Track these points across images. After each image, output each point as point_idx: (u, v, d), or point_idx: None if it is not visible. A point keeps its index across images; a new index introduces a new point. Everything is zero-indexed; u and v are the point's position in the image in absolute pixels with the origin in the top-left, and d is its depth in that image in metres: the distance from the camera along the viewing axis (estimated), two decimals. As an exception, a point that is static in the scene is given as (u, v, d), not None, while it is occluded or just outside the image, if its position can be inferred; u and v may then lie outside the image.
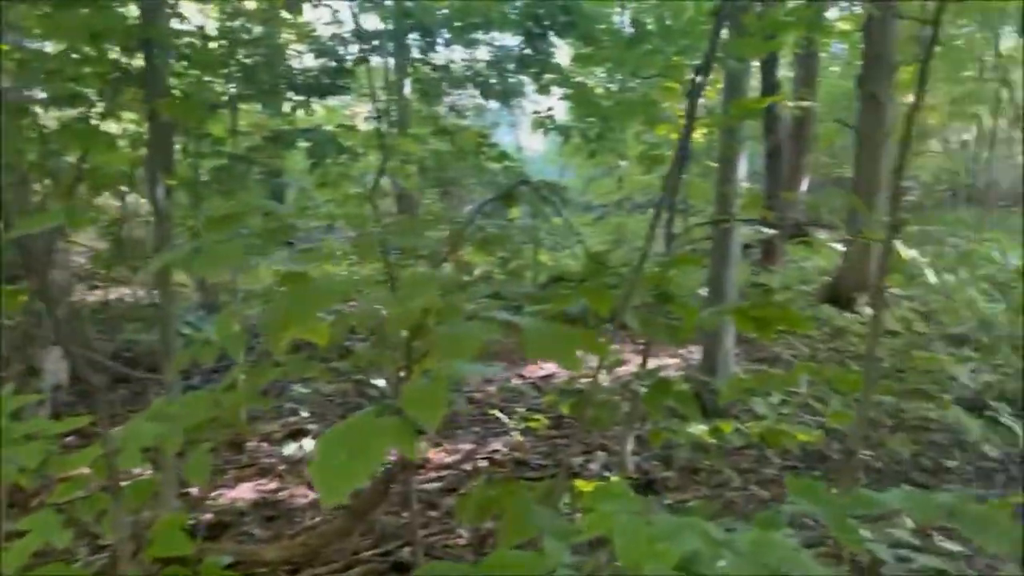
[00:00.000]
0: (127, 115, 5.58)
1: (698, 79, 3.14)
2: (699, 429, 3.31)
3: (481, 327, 1.32)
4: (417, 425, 1.08)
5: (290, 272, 1.25)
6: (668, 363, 6.54)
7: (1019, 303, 6.46)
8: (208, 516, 3.76)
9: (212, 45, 6.08)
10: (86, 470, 2.01)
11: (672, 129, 5.57)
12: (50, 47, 4.35)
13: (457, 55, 6.62)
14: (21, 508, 3.84)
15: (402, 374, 2.53)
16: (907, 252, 3.60)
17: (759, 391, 5.07)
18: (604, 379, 4.31)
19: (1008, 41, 15.04)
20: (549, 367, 6.37)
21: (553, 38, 5.61)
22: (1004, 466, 4.34)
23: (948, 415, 4.46)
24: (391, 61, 8.11)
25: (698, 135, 4.62)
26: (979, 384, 4.87)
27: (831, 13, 8.60)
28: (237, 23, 6.48)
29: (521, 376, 6.21)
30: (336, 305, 2.11)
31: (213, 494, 4.11)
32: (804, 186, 12.48)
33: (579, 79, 7.07)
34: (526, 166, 8.10)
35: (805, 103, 9.99)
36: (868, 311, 7.40)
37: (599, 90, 7.03)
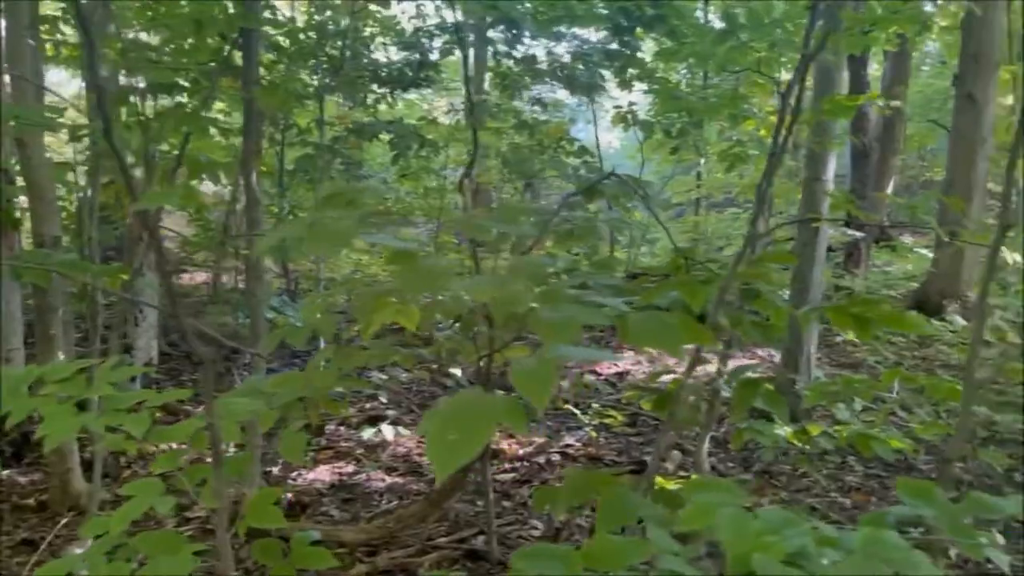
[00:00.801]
0: (216, 105, 5.76)
1: (796, 76, 3.07)
2: (785, 431, 3.23)
3: (585, 312, 1.31)
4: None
5: (400, 251, 1.26)
6: (747, 364, 6.42)
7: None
8: (288, 496, 3.85)
9: (301, 37, 6.22)
10: (181, 444, 2.08)
11: (761, 125, 5.45)
12: (146, 37, 4.51)
13: (540, 50, 6.62)
14: (114, 479, 4.02)
15: (482, 364, 2.54)
16: (1012, 257, 3.43)
17: (845, 397, 4.94)
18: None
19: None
20: (624, 364, 6.32)
21: (639, 32, 5.55)
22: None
23: (1045, 429, 4.25)
24: (473, 54, 8.17)
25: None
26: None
27: (928, 9, 8.29)
28: (325, 16, 6.60)
29: (595, 372, 6.18)
30: (428, 292, 2.14)
31: (292, 475, 4.21)
32: (890, 188, 12.10)
33: (660, 74, 6.99)
34: (604, 162, 8.05)
35: (895, 103, 9.67)
36: (958, 319, 7.13)
37: (683, 86, 6.93)
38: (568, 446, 4.71)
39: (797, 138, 6.82)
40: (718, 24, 5.30)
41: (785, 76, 5.27)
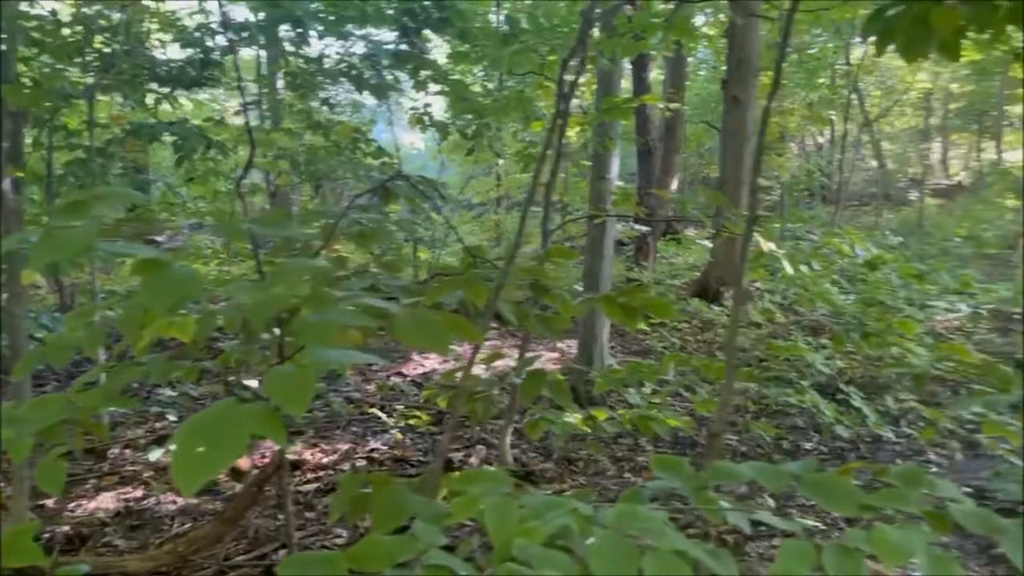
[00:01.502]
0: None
1: (568, 78, 3.21)
2: (574, 419, 3.38)
3: (348, 314, 1.30)
4: (285, 415, 1.06)
5: (146, 260, 1.18)
6: (548, 357, 6.65)
7: (867, 294, 6.93)
8: (65, 528, 3.55)
9: (65, 31, 5.72)
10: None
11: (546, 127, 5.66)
12: None
13: (331, 49, 6.50)
14: None
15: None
16: (767, 246, 3.79)
17: (632, 381, 5.23)
18: (482, 373, 4.34)
19: (858, 51, 16.12)
20: (430, 363, 6.35)
21: (429, 34, 5.59)
22: (855, 445, 4.65)
23: (806, 400, 4.73)
24: (263, 53, 7.87)
25: (572, 134, 4.72)
26: (833, 370, 5.20)
27: (698, 19, 8.95)
28: (93, 9, 6.11)
29: (401, 374, 6.16)
30: (203, 301, 2.04)
31: (71, 505, 3.88)
32: (675, 185, 12.98)
33: (455, 77, 7.07)
34: (405, 163, 8.05)
35: (674, 105, 10.37)
36: (749, 305, 7.76)
37: (476, 88, 7.05)
38: (374, 450, 4.67)
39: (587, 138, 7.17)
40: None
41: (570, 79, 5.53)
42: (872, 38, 1.78)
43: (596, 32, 4.00)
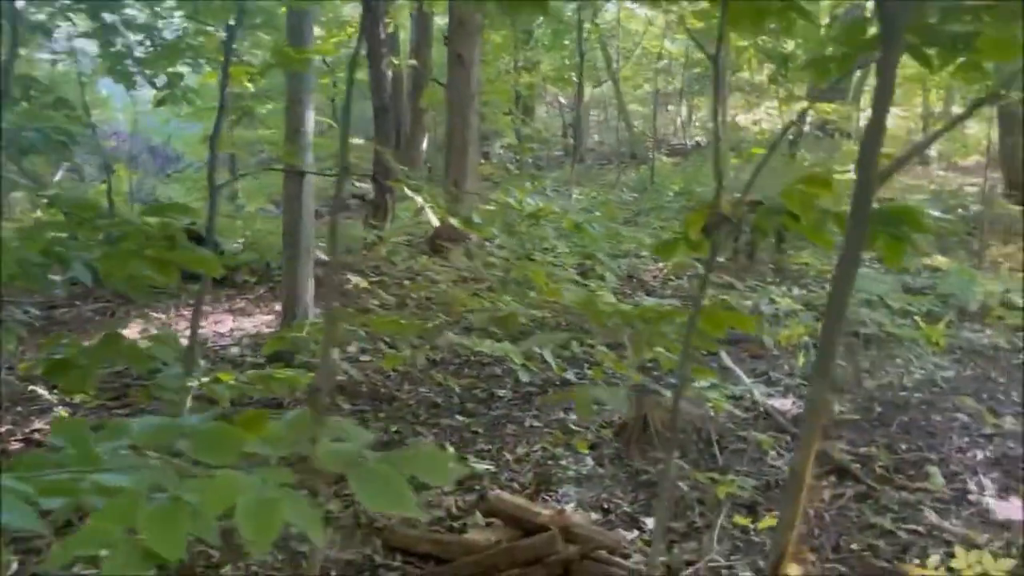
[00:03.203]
0: None
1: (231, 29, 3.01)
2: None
3: None
4: None
5: None
6: (264, 320, 6.44)
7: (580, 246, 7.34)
8: None
9: None
10: None
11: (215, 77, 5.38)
12: None
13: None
14: None
15: None
16: (419, 200, 3.82)
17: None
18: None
19: (608, 14, 16.89)
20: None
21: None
22: (543, 390, 4.88)
23: (499, 348, 4.88)
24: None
25: (250, 84, 4.52)
26: (528, 319, 5.42)
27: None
28: None
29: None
30: None
31: None
32: (424, 145, 12.97)
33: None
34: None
35: (411, 62, 10.30)
36: (463, 259, 7.89)
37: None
38: (37, 430, 4.27)
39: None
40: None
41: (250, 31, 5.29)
42: None
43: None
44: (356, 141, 11.00)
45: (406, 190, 4.20)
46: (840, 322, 1.68)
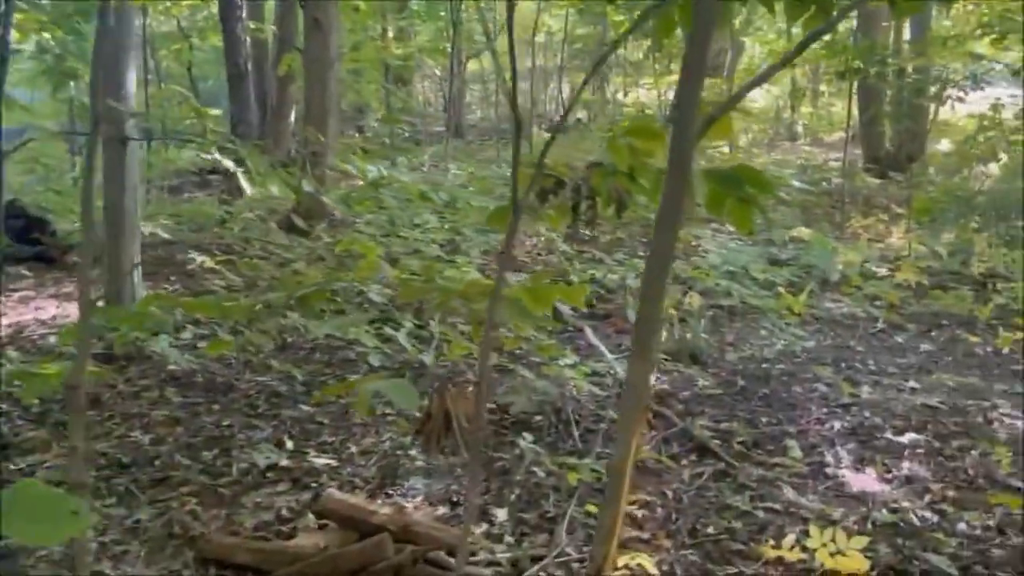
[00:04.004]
0: None
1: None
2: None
3: None
4: None
5: None
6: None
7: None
8: None
9: None
10: None
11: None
12: None
13: None
14: None
15: None
16: (246, 185, 3.43)
17: (168, 326, 4.69)
18: None
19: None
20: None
21: None
22: (400, 373, 4.57)
23: (352, 333, 4.54)
24: None
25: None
26: (385, 298, 5.09)
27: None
28: None
29: None
30: None
31: None
32: (293, 115, 12.32)
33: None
34: None
35: (270, 27, 9.67)
36: (324, 237, 7.45)
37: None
38: None
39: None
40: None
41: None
42: None
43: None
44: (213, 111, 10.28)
45: (216, 154, 3.80)
46: (660, 290, 1.44)
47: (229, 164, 3.36)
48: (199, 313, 4.05)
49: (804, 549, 2.85)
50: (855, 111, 11.86)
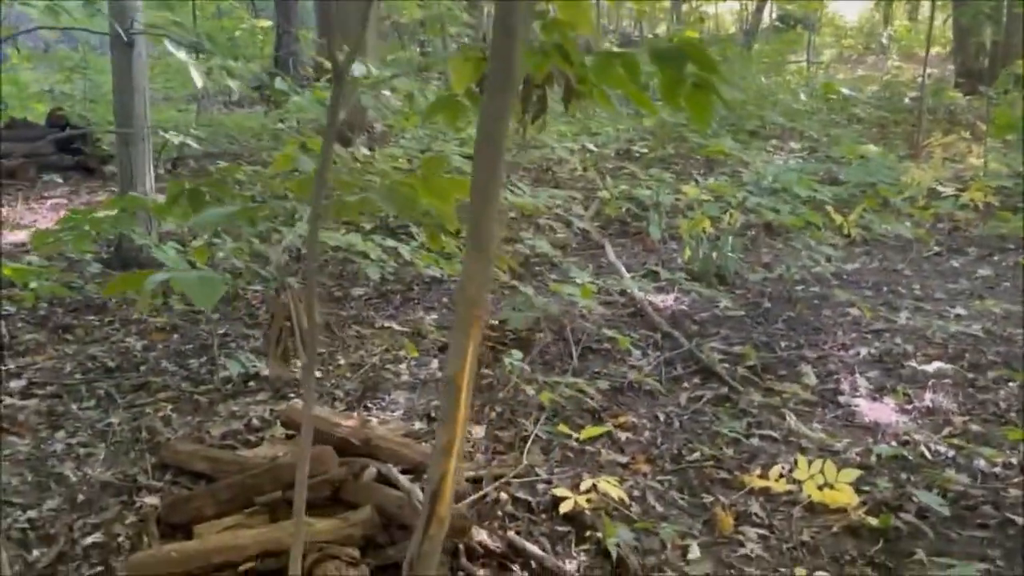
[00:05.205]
0: None
1: None
2: None
3: None
4: None
5: None
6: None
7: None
8: None
9: None
10: None
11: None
12: None
13: None
14: None
15: None
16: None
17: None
18: None
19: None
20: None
21: None
22: (409, 287, 4.43)
23: (358, 245, 4.39)
24: None
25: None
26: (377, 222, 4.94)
27: None
28: None
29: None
30: None
31: None
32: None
33: None
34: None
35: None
36: (363, 149, 7.29)
37: None
38: None
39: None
40: None
41: None
42: None
43: None
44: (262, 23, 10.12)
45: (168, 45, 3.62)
46: (493, 171, 1.20)
47: (180, 54, 3.21)
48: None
49: (793, 480, 2.61)
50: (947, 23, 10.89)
